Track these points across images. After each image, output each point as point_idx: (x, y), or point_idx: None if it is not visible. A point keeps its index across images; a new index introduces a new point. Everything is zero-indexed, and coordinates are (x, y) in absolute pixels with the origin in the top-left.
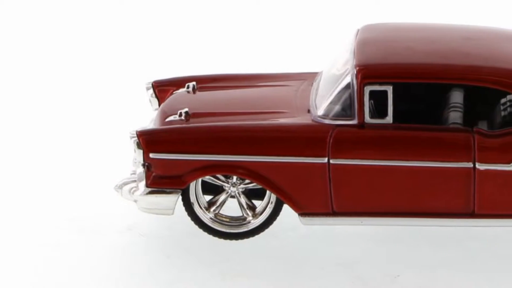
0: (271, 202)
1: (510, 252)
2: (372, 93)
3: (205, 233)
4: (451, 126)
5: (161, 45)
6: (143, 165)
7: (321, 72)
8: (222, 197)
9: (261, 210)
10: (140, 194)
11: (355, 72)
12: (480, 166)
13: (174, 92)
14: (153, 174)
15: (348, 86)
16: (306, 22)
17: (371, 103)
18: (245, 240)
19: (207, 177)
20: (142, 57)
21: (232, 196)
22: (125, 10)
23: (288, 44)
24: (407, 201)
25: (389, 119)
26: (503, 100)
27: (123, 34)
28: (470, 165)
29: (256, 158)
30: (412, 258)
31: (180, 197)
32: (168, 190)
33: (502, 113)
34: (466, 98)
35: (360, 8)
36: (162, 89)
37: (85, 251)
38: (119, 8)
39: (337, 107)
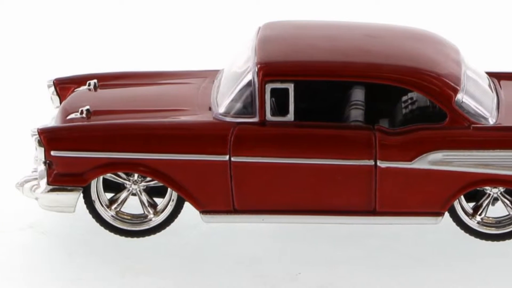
0: (172, 200)
1: (411, 250)
2: (273, 91)
3: (107, 231)
4: (353, 123)
5: (62, 43)
6: (45, 162)
7: (223, 69)
8: (124, 194)
9: (162, 208)
10: (42, 192)
11: (256, 69)
12: (381, 164)
13: (75, 89)
14: (55, 171)
15: (249, 84)
16: (207, 19)
17: (273, 101)
18: (147, 238)
19: (109, 174)
20: (43, 55)
21: (134, 194)
22: (26, 8)
23: (189, 42)
24: (308, 199)
25: (290, 117)
26: (404, 98)
27: (24, 31)
28: (372, 163)
29: (157, 156)
30: (313, 256)
31: (82, 195)
32: (69, 188)
33: (403, 111)
34: (367, 96)
35: (262, 5)
36: (63, 86)
37: None
38: (21, 5)
39: (238, 105)
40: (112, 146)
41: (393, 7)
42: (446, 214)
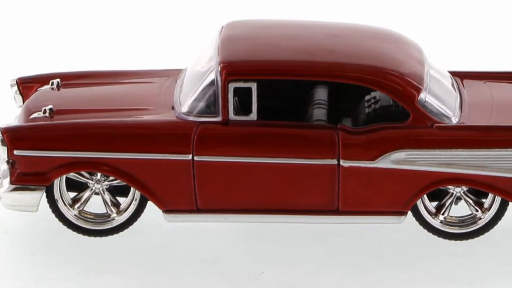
0: (136, 199)
1: (374, 249)
2: (236, 90)
3: (70, 230)
4: (315, 123)
5: (25, 42)
6: (7, 162)
7: (186, 69)
8: (86, 194)
9: (125, 207)
10: (4, 191)
11: (219, 69)
12: (344, 163)
13: (39, 89)
14: (18, 171)
15: (212, 83)
16: (170, 19)
17: (235, 100)
18: (110, 237)
19: (72, 174)
20: (6, 54)
21: (97, 193)
22: None
23: (152, 41)
24: (271, 198)
25: (253, 116)
26: (367, 97)
27: None
28: (335, 162)
29: (120, 155)
30: (276, 255)
31: (45, 194)
32: (32, 187)
33: (366, 110)
34: (330, 95)
35: (225, 5)
36: (26, 86)
37: None
38: None
39: (201, 104)
40: (75, 146)
41: (356, 6)
42: (409, 213)
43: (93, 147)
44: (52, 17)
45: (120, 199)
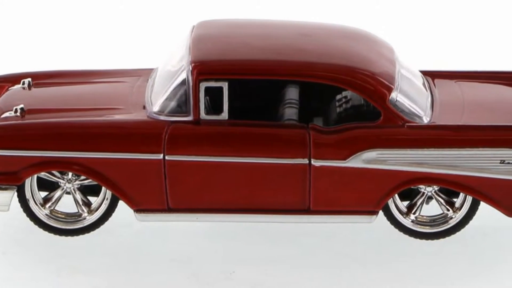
0: (107, 199)
1: (345, 249)
2: (207, 89)
3: (41, 230)
4: (287, 122)
5: None
6: None
7: (157, 68)
8: (58, 193)
9: (96, 207)
10: None
11: (191, 68)
12: (316, 163)
13: (9, 88)
14: None
15: (183, 82)
16: (141, 18)
17: (207, 99)
18: (81, 237)
19: (43, 173)
20: None
21: (68, 193)
22: None
23: (123, 41)
24: (243, 198)
25: (224, 115)
26: (338, 97)
27: None
28: (306, 161)
29: (91, 155)
30: (247, 255)
31: (16, 194)
32: (3, 186)
33: (338, 110)
34: (301, 95)
35: (196, 4)
36: None
37: None
38: None
39: (173, 104)
40: (47, 145)
41: (327, 6)
42: (381, 212)
43: (64, 147)
44: (22, 16)
45: (92, 199)
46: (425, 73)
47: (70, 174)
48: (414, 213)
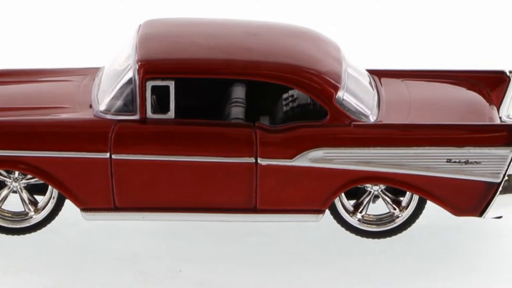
0: (53, 197)
1: (292, 248)
2: (154, 88)
3: None
4: (233, 121)
5: None
6: None
7: (103, 67)
8: (4, 192)
9: (43, 205)
10: None
11: (137, 67)
12: (262, 162)
13: None
14: None
15: (130, 81)
16: (88, 17)
17: (153, 98)
18: (28, 235)
19: None
20: None
21: (14, 191)
22: None
23: (69, 39)
24: (189, 197)
25: (171, 114)
26: (285, 96)
27: None
28: (252, 160)
29: (38, 154)
30: (194, 253)
31: None
32: None
33: (284, 108)
34: (248, 93)
35: (142, 3)
36: None
37: None
38: None
39: (119, 102)
40: None
41: (274, 5)
42: (327, 211)
43: (11, 145)
44: None
45: (38, 197)
46: (371, 72)
47: (16, 173)
48: (360, 212)
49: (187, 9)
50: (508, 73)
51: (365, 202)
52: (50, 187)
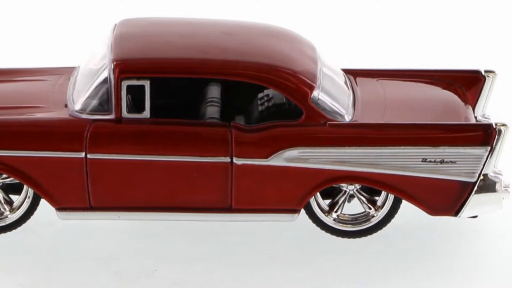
0: (29, 197)
1: (267, 247)
2: (129, 88)
3: None
4: (209, 121)
5: None
6: None
7: (79, 66)
8: None
9: (18, 205)
10: None
11: (112, 67)
12: (238, 161)
13: None
14: None
15: (105, 80)
16: (63, 16)
17: (129, 97)
18: (3, 235)
19: None
20: None
21: None
22: None
23: (45, 39)
24: (165, 196)
25: (146, 113)
26: (260, 95)
27: None
28: (227, 160)
29: (13, 153)
30: (169, 253)
31: None
32: None
33: (260, 108)
34: (223, 93)
35: (118, 2)
36: None
37: None
38: None
39: (94, 102)
40: None
41: (249, 4)
42: (303, 211)
43: None
44: None
45: (13, 197)
46: (347, 72)
47: None
48: (336, 212)
49: (164, 8)
50: (483, 73)
51: (340, 202)
52: (25, 187)
